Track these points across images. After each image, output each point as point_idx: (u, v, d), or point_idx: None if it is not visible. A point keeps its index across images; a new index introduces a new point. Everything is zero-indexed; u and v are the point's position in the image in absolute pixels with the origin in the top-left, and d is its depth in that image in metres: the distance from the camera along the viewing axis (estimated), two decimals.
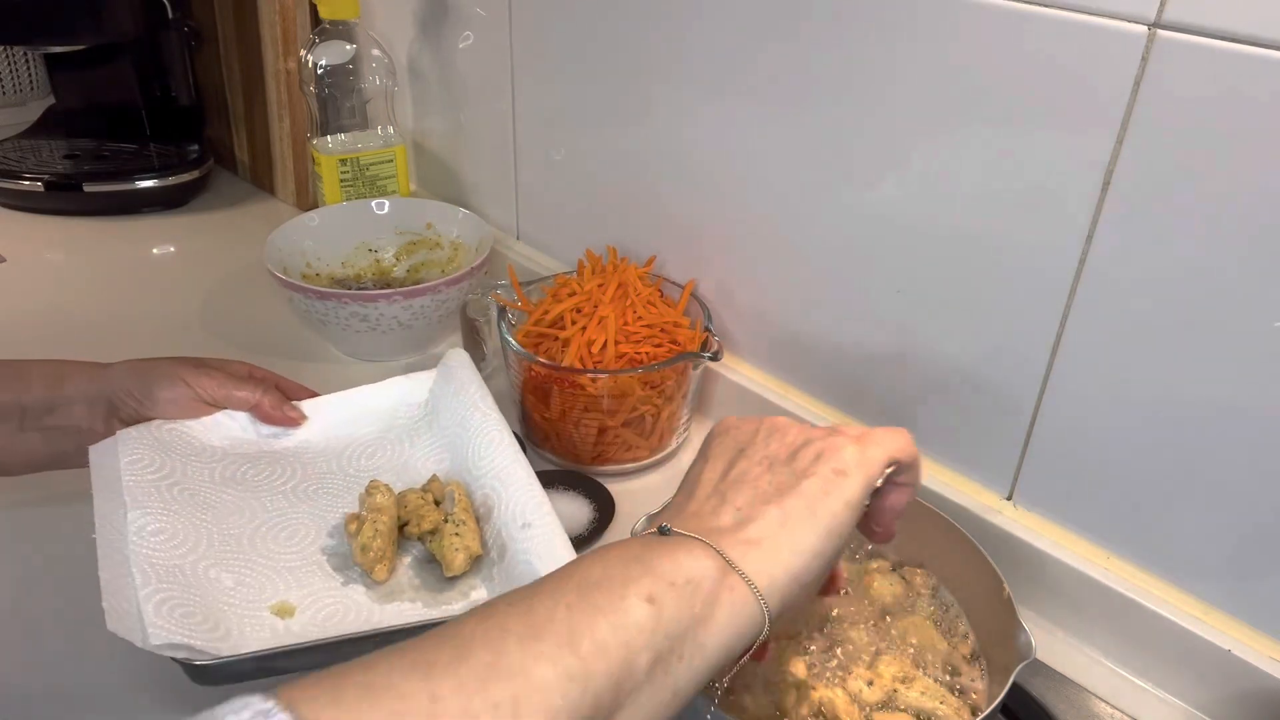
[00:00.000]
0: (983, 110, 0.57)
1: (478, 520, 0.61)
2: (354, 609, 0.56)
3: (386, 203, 0.98)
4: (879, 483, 0.43)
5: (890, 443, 0.44)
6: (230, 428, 0.66)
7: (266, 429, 0.67)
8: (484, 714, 0.30)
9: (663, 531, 0.40)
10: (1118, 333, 0.55)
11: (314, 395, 0.70)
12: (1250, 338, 0.50)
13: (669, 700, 0.35)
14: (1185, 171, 0.50)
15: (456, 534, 0.58)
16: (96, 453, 0.61)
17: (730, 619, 0.37)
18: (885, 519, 0.45)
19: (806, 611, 0.58)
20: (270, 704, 0.28)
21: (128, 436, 0.61)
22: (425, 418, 0.70)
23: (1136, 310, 0.54)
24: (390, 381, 0.71)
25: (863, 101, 0.63)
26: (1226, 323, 0.51)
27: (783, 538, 0.39)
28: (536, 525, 0.57)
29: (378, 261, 0.98)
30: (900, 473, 0.45)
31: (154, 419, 0.63)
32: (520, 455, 0.63)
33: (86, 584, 0.51)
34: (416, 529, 0.60)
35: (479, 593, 0.59)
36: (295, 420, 0.67)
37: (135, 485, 0.58)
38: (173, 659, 0.48)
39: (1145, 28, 0.49)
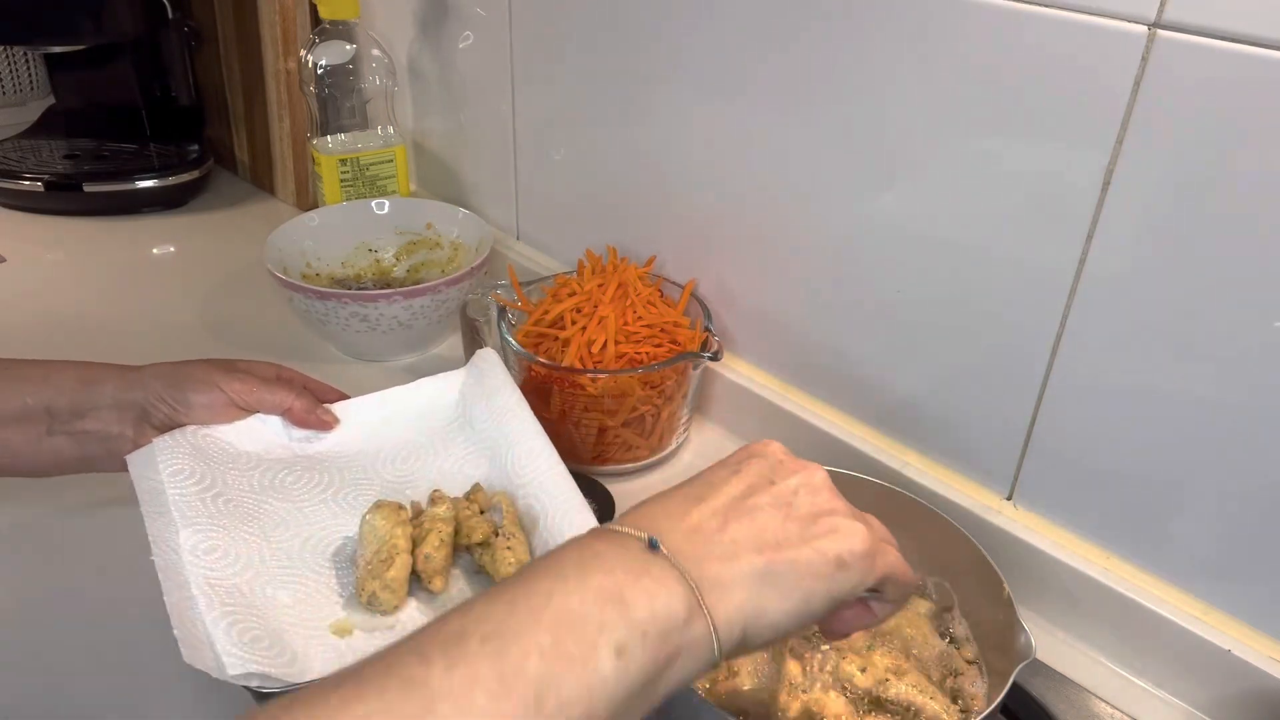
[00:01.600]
0: (983, 110, 0.57)
1: (525, 532, 0.60)
2: (411, 624, 0.55)
3: (386, 203, 0.98)
4: (863, 593, 0.42)
5: (899, 565, 0.43)
6: (262, 432, 0.65)
7: (299, 433, 0.66)
8: None
9: (652, 545, 0.38)
10: (1118, 333, 0.55)
11: (344, 396, 0.69)
12: (1250, 338, 0.50)
13: None
14: (1185, 171, 0.50)
15: (508, 547, 0.57)
16: (136, 465, 0.60)
17: (684, 669, 0.37)
18: (840, 626, 0.44)
19: None
20: None
21: (164, 445, 0.60)
22: (458, 420, 0.69)
23: (1136, 310, 0.54)
24: (421, 382, 0.70)
25: (862, 102, 0.63)
26: (1226, 323, 0.51)
27: (756, 594, 0.38)
28: None
29: (378, 261, 0.98)
30: (882, 598, 0.43)
31: (186, 425, 0.62)
32: (561, 464, 0.62)
33: (114, 586, 0.50)
34: (467, 540, 0.59)
35: None
36: (328, 424, 0.67)
37: (181, 499, 0.57)
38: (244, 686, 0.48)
39: (1145, 28, 0.49)
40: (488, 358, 0.70)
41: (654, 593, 0.36)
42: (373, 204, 0.97)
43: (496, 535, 0.59)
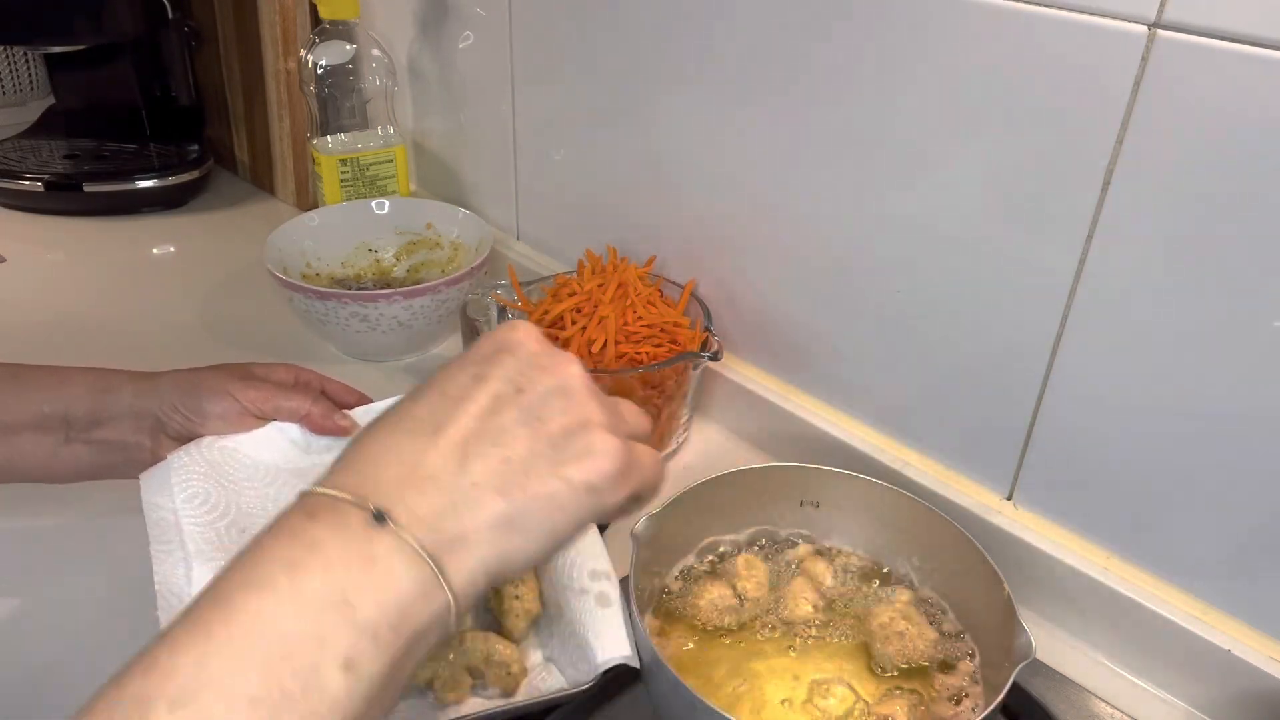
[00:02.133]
0: (982, 110, 0.57)
1: (538, 574, 0.59)
2: None
3: (386, 203, 0.97)
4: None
5: (648, 477, 0.40)
6: (280, 442, 0.64)
7: (318, 440, 0.65)
8: None
9: (379, 518, 0.34)
10: (1118, 332, 0.55)
11: (365, 399, 0.68)
12: (1250, 337, 0.50)
13: None
14: (1185, 171, 0.50)
15: (516, 596, 0.57)
16: (149, 489, 0.59)
17: (425, 643, 0.34)
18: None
19: None
20: None
21: (180, 464, 0.59)
22: None
23: (1136, 310, 0.54)
24: None
25: (862, 102, 0.63)
26: (1226, 322, 0.51)
27: (498, 542, 0.35)
28: (592, 593, 0.55)
29: (378, 261, 0.97)
30: (633, 502, 0.40)
31: (203, 435, 0.61)
32: None
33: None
34: None
35: (535, 656, 0.57)
36: (346, 429, 0.65)
37: (196, 530, 0.56)
38: None
39: (1145, 28, 0.49)
40: None
41: (383, 585, 0.32)
42: (373, 204, 0.97)
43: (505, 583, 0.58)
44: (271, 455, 0.63)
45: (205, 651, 0.29)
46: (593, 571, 0.56)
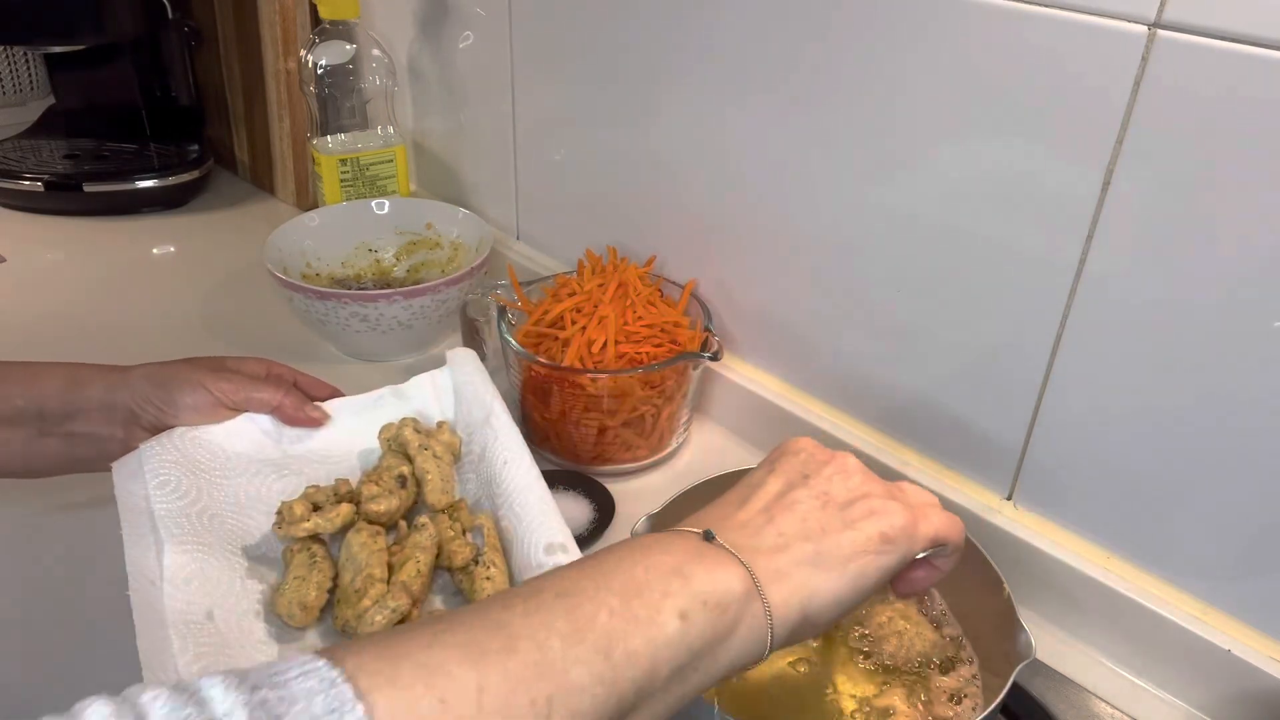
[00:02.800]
0: (982, 110, 0.57)
1: (505, 552, 0.60)
2: None
3: (386, 203, 0.98)
4: (917, 556, 0.45)
5: (943, 525, 0.46)
6: (251, 432, 0.65)
7: (290, 431, 0.66)
8: (523, 709, 0.32)
9: (708, 537, 0.41)
10: (1118, 332, 0.55)
11: (336, 393, 0.69)
12: (1250, 337, 0.50)
13: (675, 704, 0.38)
14: (1185, 171, 0.50)
15: (488, 577, 0.58)
16: (121, 476, 0.60)
17: (744, 642, 0.39)
18: (908, 588, 0.48)
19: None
20: (336, 673, 0.30)
21: (151, 453, 0.60)
22: (450, 422, 0.69)
23: (1136, 310, 0.54)
24: (414, 382, 0.70)
25: (862, 102, 0.63)
26: (1226, 322, 0.51)
27: (809, 577, 0.41)
28: (548, 566, 0.56)
29: (378, 261, 0.98)
30: (940, 554, 0.47)
31: (175, 426, 0.62)
32: (538, 475, 0.62)
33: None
34: (448, 563, 0.59)
35: None
36: (317, 421, 0.66)
37: (167, 515, 0.57)
38: None
39: (1145, 28, 0.49)
40: (463, 358, 0.70)
41: (713, 570, 0.39)
42: (373, 204, 0.97)
43: (477, 563, 0.58)
44: (243, 445, 0.64)
45: (581, 576, 0.37)
46: (548, 545, 0.57)
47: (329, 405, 0.68)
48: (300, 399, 0.66)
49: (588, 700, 0.33)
